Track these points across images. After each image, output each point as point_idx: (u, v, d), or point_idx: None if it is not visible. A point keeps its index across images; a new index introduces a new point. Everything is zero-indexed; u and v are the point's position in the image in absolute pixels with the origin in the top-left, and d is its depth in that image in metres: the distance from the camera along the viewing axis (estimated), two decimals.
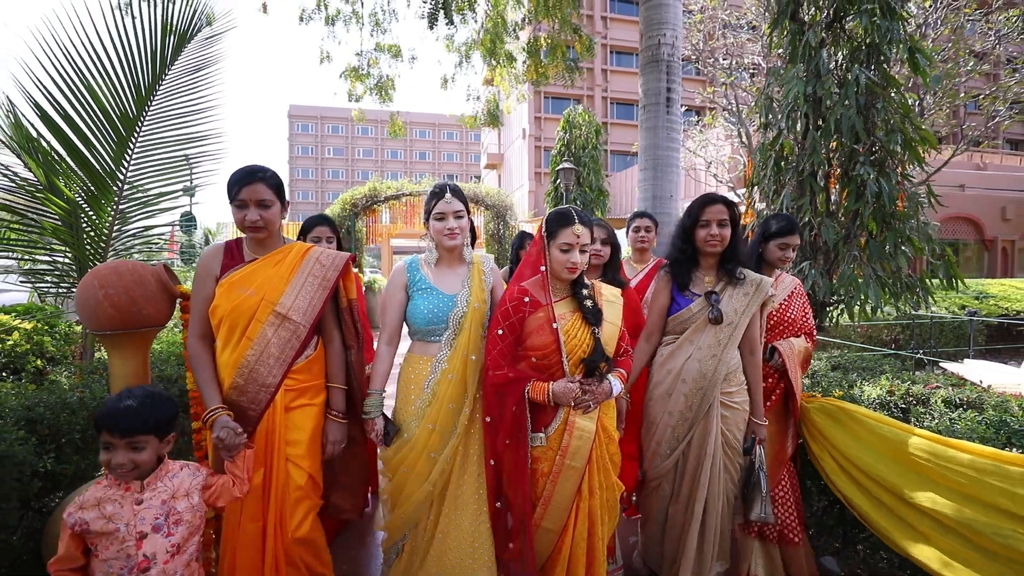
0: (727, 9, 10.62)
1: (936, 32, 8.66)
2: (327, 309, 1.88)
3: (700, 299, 2.05)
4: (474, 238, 2.87)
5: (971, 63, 9.13)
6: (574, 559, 1.74)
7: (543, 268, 1.77)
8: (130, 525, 1.32)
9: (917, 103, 8.53)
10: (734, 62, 10.30)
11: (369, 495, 2.88)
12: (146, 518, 1.35)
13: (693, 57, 10.97)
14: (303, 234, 2.76)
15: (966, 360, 5.58)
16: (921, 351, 6.68)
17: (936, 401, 2.02)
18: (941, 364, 5.45)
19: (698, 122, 13.19)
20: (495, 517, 1.78)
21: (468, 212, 1.96)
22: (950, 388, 2.14)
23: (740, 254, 2.06)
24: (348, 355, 1.96)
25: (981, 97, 9.92)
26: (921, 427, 1.89)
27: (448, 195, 1.88)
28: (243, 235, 1.85)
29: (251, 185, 1.72)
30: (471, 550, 1.78)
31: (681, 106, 5.25)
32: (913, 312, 6.52)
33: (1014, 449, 1.68)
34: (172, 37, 2.98)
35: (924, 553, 1.71)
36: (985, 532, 1.53)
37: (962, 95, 9.76)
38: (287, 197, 1.87)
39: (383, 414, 1.88)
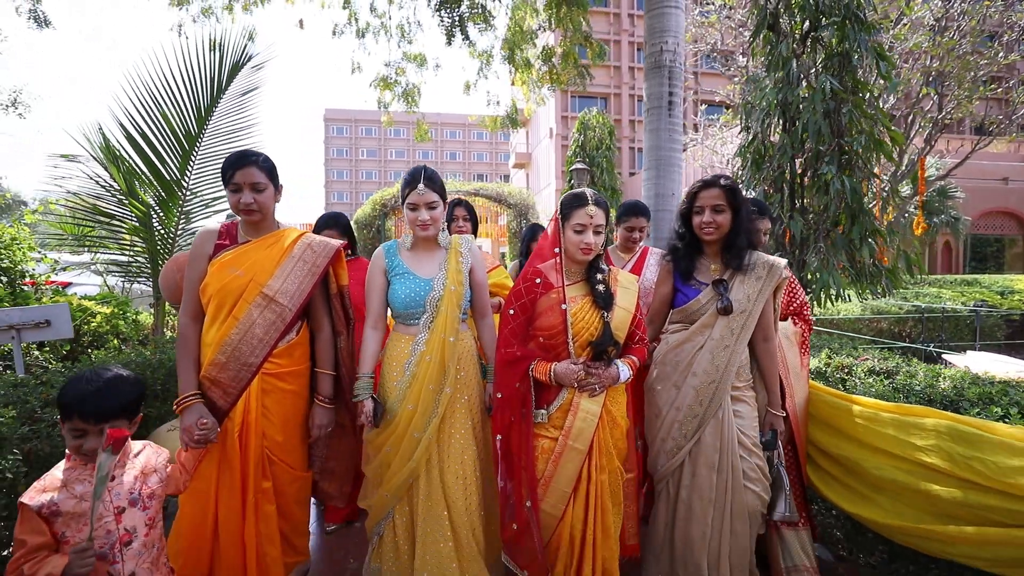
0: (745, 6, 10.70)
1: (959, 23, 8.57)
2: (317, 295, 1.88)
3: (708, 288, 1.95)
4: (475, 227, 2.90)
5: (999, 53, 8.97)
6: (571, 540, 1.73)
7: (557, 250, 1.77)
8: (106, 501, 1.29)
9: (936, 96, 8.48)
10: (749, 61, 10.37)
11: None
12: (121, 493, 1.32)
13: (712, 56, 11.10)
14: (315, 233, 2.59)
15: (969, 352, 5.67)
16: (931, 344, 6.73)
17: (859, 370, 2.34)
18: (944, 356, 5.57)
19: (718, 118, 13.25)
20: (500, 495, 1.77)
21: (444, 199, 1.92)
22: (876, 360, 2.45)
23: (743, 239, 1.93)
24: (337, 341, 1.96)
25: (1000, 90, 9.70)
26: (844, 391, 2.21)
27: (421, 186, 1.84)
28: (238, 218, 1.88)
29: (244, 168, 1.72)
30: (454, 535, 1.78)
31: (702, 103, 5.52)
32: (883, 302, 6.58)
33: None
34: (227, 65, 3.57)
35: (834, 491, 2.07)
36: (869, 469, 1.88)
37: (991, 86, 9.56)
38: (280, 181, 1.86)
39: (372, 396, 1.85)
